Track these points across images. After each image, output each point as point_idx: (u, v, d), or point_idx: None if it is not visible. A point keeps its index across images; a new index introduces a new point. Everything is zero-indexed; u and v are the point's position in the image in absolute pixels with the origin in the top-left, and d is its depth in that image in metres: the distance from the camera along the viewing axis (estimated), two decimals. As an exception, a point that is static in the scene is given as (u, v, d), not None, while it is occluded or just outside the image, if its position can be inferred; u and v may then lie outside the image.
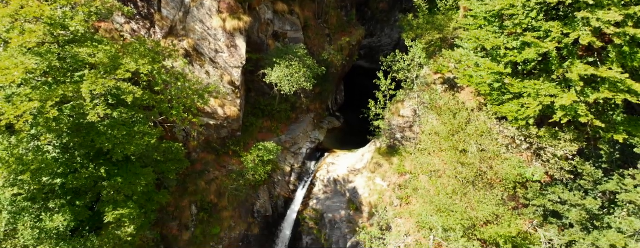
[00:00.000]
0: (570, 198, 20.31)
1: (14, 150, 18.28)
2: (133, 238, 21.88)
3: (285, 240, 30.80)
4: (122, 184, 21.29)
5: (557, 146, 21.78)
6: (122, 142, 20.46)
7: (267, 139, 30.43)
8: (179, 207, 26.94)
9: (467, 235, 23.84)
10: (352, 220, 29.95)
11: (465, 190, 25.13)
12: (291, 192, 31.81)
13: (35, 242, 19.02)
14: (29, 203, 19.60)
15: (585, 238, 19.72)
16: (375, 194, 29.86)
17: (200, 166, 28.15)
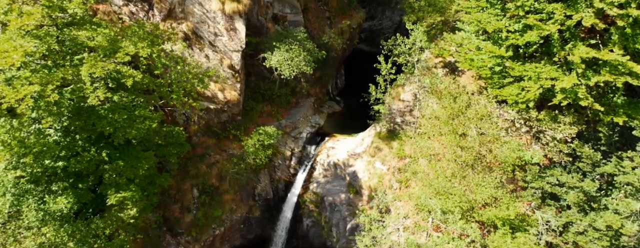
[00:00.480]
0: (568, 181, 20.53)
1: (15, 133, 18.35)
2: (135, 221, 22.21)
3: (285, 222, 31.23)
4: (124, 167, 21.46)
5: (556, 129, 21.87)
6: (123, 125, 20.55)
7: (267, 123, 30.50)
8: (180, 190, 27.21)
9: (465, 217, 24.19)
10: (351, 203, 30.31)
11: (464, 173, 25.36)
12: (291, 176, 32.09)
13: (39, 224, 19.32)
14: (32, 185, 19.84)
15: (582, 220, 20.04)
16: (374, 178, 30.13)
17: (201, 150, 28.31)
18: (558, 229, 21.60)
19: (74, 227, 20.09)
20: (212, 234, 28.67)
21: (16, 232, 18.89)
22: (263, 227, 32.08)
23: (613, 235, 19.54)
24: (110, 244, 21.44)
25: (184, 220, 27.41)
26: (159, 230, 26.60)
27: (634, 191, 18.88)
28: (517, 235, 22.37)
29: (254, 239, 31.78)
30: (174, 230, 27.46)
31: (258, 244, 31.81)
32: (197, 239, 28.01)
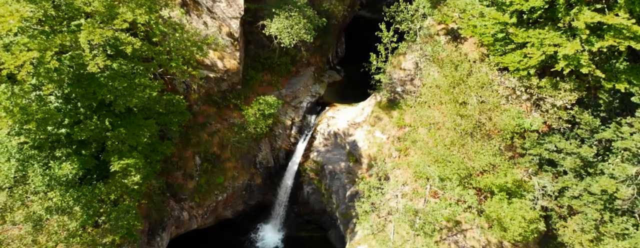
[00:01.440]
0: (566, 147, 20.73)
1: (17, 99, 18.41)
2: (139, 187, 22.69)
3: (286, 190, 31.85)
4: (126, 135, 21.68)
5: (556, 96, 21.87)
6: (123, 93, 20.62)
7: (267, 93, 30.45)
8: (182, 157, 27.59)
9: (462, 184, 24.63)
10: (351, 171, 30.77)
11: (463, 141, 25.57)
12: (292, 145, 32.40)
13: (45, 188, 19.75)
14: (36, 151, 20.13)
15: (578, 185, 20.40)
16: (374, 146, 30.42)
17: (201, 118, 28.45)
18: (554, 194, 22.05)
19: (80, 192, 20.54)
20: (215, 200, 29.35)
21: (23, 196, 19.34)
22: (264, 193, 32.75)
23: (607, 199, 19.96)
24: (116, 209, 21.99)
25: (187, 187, 27.97)
26: (163, 195, 27.20)
27: (631, 156, 19.10)
28: (513, 200, 22.87)
29: (256, 205, 32.55)
30: (178, 195, 28.09)
31: (260, 210, 32.62)
32: (200, 204, 28.71)
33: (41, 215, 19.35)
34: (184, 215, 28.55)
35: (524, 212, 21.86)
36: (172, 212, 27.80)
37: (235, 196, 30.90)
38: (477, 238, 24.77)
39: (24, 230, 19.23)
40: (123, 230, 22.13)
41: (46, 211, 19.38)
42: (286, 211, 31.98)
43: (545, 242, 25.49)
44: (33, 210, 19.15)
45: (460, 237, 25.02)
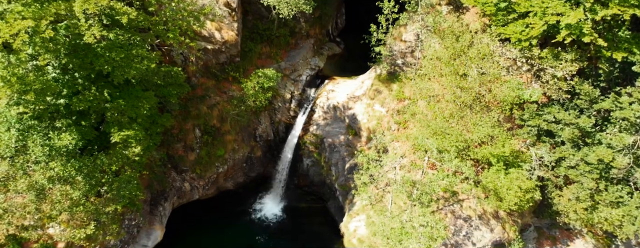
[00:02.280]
0: (564, 118, 20.75)
1: (14, 69, 18.33)
2: (140, 158, 22.93)
3: (286, 162, 32.17)
4: (125, 107, 21.69)
5: (557, 67, 21.70)
6: (121, 64, 20.50)
7: (266, 65, 30.21)
8: (183, 129, 27.70)
9: (460, 156, 24.84)
10: (350, 144, 30.96)
11: (462, 113, 25.61)
12: (291, 118, 32.45)
13: (46, 158, 19.94)
14: (36, 121, 20.19)
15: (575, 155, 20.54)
16: (373, 120, 30.47)
17: (200, 91, 28.36)
18: (550, 164, 22.25)
19: (81, 162, 20.75)
20: (215, 172, 29.71)
21: (25, 166, 19.55)
22: (265, 165, 33.12)
23: (603, 169, 20.17)
24: (118, 179, 22.30)
25: (188, 159, 28.25)
26: (164, 167, 27.52)
27: (629, 126, 19.15)
28: (510, 171, 23.14)
29: (256, 177, 33.00)
30: (179, 167, 28.40)
31: (260, 181, 33.09)
32: (202, 176, 29.08)
33: (44, 185, 19.66)
34: (185, 186, 28.99)
35: (520, 182, 22.17)
36: (173, 183, 28.20)
37: (235, 168, 31.26)
38: (474, 207, 25.23)
39: (27, 199, 19.61)
40: (125, 200, 22.56)
41: (48, 181, 19.66)
42: (286, 183, 32.43)
43: (540, 210, 26.01)
44: (35, 180, 19.43)
45: (456, 206, 25.49)
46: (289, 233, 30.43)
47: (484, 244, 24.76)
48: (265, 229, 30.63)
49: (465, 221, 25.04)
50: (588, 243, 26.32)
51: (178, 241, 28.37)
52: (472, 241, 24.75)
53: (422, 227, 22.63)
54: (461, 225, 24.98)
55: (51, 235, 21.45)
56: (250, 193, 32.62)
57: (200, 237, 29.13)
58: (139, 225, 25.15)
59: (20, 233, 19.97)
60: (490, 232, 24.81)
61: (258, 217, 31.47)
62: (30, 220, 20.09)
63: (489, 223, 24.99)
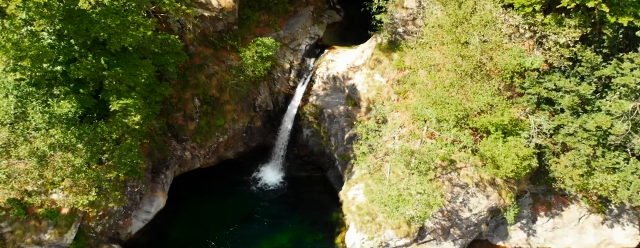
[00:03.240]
0: (565, 85, 20.59)
1: (8, 34, 18.15)
2: (140, 127, 23.05)
3: (286, 132, 32.31)
4: (123, 75, 21.60)
5: (560, 33, 21.32)
6: (117, 31, 20.29)
7: (264, 34, 29.73)
8: (182, 99, 27.67)
9: (459, 125, 24.85)
10: (350, 115, 30.97)
11: (462, 82, 25.40)
12: (291, 89, 32.30)
13: (46, 126, 20.06)
14: (34, 88, 20.18)
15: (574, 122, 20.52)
16: (373, 90, 30.32)
17: (198, 60, 28.10)
18: (549, 132, 22.29)
19: (81, 130, 20.87)
20: (216, 141, 29.91)
21: (25, 132, 19.69)
22: (264, 136, 33.31)
23: (601, 135, 20.21)
24: (119, 147, 22.49)
25: (188, 128, 28.38)
26: (164, 136, 27.71)
27: (629, 92, 19.02)
28: (508, 139, 23.22)
29: (257, 147, 33.27)
30: (179, 136, 28.59)
31: (261, 151, 33.39)
32: (202, 145, 29.32)
33: (45, 151, 19.87)
34: (186, 155, 29.29)
35: (518, 149, 22.30)
36: (174, 152, 28.49)
37: (236, 138, 31.45)
38: (471, 175, 25.53)
39: (29, 165, 19.87)
40: (127, 167, 22.87)
41: (50, 147, 19.86)
42: (286, 152, 32.71)
43: (537, 177, 26.33)
44: (36, 146, 19.61)
45: (454, 175, 25.79)
46: (289, 201, 31.01)
47: (480, 210, 25.24)
48: (266, 197, 31.19)
49: (462, 188, 25.41)
50: (582, 208, 26.81)
51: (180, 208, 29.01)
52: (468, 207, 25.22)
53: (419, 194, 22.99)
54: (458, 192, 25.37)
55: (55, 201, 21.91)
56: (250, 163, 32.99)
57: (202, 204, 29.74)
58: (142, 192, 25.62)
59: (24, 198, 20.38)
60: (487, 198, 25.22)
61: (258, 186, 31.96)
62: (33, 185, 20.45)
63: (486, 191, 25.36)
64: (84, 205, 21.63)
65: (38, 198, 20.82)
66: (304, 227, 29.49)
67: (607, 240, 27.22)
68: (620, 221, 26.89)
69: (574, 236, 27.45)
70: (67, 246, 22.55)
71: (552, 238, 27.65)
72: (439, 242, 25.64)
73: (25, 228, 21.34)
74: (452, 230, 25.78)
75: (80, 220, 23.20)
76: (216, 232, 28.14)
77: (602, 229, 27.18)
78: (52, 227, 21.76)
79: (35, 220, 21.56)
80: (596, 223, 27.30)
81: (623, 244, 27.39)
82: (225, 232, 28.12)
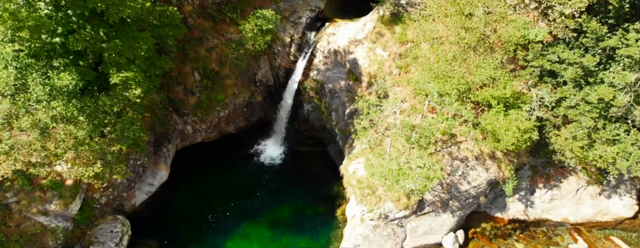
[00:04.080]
0: (569, 57, 20.35)
1: (5, 4, 17.90)
2: (141, 100, 23.03)
3: (286, 107, 32.28)
4: (122, 47, 21.44)
5: (566, 4, 20.86)
6: (114, 2, 20.06)
7: (264, 6, 29.18)
8: (181, 72, 27.50)
9: (461, 99, 24.77)
10: (351, 90, 30.83)
11: (465, 55, 25.13)
12: (291, 63, 32.01)
13: (48, 98, 20.03)
14: (33, 60, 20.02)
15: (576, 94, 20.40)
16: (375, 64, 30.06)
17: (197, 33, 27.72)
18: (550, 105, 22.20)
19: (82, 103, 20.85)
20: (217, 116, 29.93)
21: (26, 104, 19.68)
22: (265, 111, 33.31)
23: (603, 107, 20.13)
24: (120, 120, 22.54)
25: (188, 102, 28.33)
26: (166, 110, 27.71)
27: (633, 63, 18.80)
28: (509, 112, 23.19)
29: (258, 121, 33.34)
30: (180, 110, 28.59)
31: (262, 126, 33.50)
32: (203, 119, 29.37)
33: (47, 123, 19.92)
34: (187, 129, 29.40)
35: (519, 122, 22.30)
36: (175, 126, 28.57)
37: (236, 113, 31.44)
38: (471, 149, 25.66)
39: (32, 137, 19.97)
40: (129, 140, 22.98)
41: (51, 119, 19.91)
42: (287, 127, 32.78)
43: (537, 150, 26.47)
44: (38, 118, 19.64)
45: (454, 148, 25.92)
46: (290, 175, 31.34)
47: (479, 183, 25.51)
48: (267, 171, 31.51)
49: (461, 162, 25.59)
50: (581, 179, 27.07)
51: (183, 181, 29.38)
52: (467, 180, 25.48)
53: (419, 168, 23.18)
54: (458, 165, 25.56)
55: (59, 172, 22.16)
56: (251, 138, 33.15)
57: (204, 178, 30.08)
58: (144, 165, 25.87)
59: (29, 169, 20.59)
60: (486, 171, 25.45)
61: (260, 160, 32.23)
62: (37, 157, 20.61)
63: (485, 164, 25.55)
64: (89, 177, 21.90)
65: (42, 170, 21.03)
66: (305, 200, 29.93)
67: (604, 211, 27.64)
68: (618, 192, 27.21)
69: (571, 207, 27.87)
70: (73, 216, 23.00)
71: (550, 210, 28.09)
72: (437, 214, 26.07)
73: (31, 198, 21.68)
74: (451, 202, 26.15)
75: (84, 191, 23.54)
76: (218, 204, 28.60)
77: (599, 200, 27.55)
78: (57, 197, 22.10)
79: (40, 191, 21.88)
80: (594, 194, 27.65)
81: (619, 214, 27.88)
82: (228, 205, 28.58)
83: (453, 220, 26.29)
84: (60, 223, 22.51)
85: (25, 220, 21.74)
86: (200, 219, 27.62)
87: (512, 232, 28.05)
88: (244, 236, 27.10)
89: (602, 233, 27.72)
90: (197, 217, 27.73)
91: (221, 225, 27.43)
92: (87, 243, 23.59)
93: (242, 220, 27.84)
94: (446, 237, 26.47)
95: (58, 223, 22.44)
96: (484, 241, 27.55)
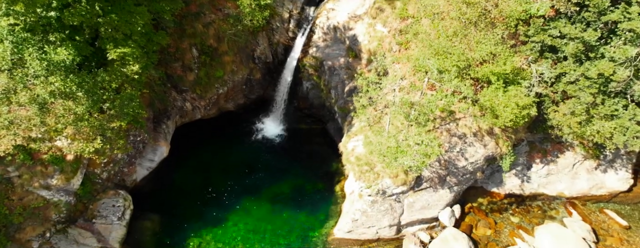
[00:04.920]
0: (570, 32, 20.12)
1: (-3, -24, 17.56)
2: (139, 76, 22.94)
3: (286, 85, 32.16)
4: (118, 22, 21.18)
5: (569, -23, 20.44)
6: (109, -25, 19.64)
7: (262, -20, 28.58)
8: (179, 48, 27.25)
9: (460, 75, 24.63)
10: (350, 67, 30.64)
11: (466, 31, 24.84)
12: (290, 39, 31.68)
13: (45, 73, 19.93)
14: (29, 34, 19.81)
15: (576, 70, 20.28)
16: (374, 41, 29.75)
17: (194, 7, 27.30)
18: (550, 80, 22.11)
19: (80, 78, 20.76)
20: (216, 93, 29.87)
21: (24, 79, 19.60)
22: (264, 88, 33.22)
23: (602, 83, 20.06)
24: (119, 96, 22.51)
25: (187, 78, 28.21)
26: (164, 86, 27.63)
27: (634, 37, 18.60)
28: (509, 88, 23.11)
29: (257, 99, 33.32)
30: (179, 87, 28.51)
31: (261, 103, 33.51)
32: (202, 97, 29.32)
33: (45, 99, 19.92)
34: (187, 106, 29.39)
35: (518, 99, 22.26)
36: (175, 103, 28.56)
37: (235, 90, 31.36)
38: (469, 125, 25.73)
39: (31, 112, 20.00)
40: (129, 117, 23.03)
41: (50, 95, 19.88)
42: (286, 105, 32.77)
43: (535, 126, 26.56)
44: (36, 93, 19.62)
45: (452, 125, 25.99)
46: (289, 152, 31.57)
47: (477, 159, 25.72)
48: (267, 148, 31.73)
49: (459, 138, 25.71)
50: (577, 154, 27.30)
51: (183, 158, 29.62)
52: (465, 157, 25.68)
53: (417, 145, 23.29)
54: (456, 142, 25.70)
55: (60, 148, 22.31)
56: (251, 115, 33.20)
57: (204, 154, 30.32)
58: (144, 141, 26.03)
59: (29, 145, 20.73)
60: (484, 147, 25.61)
61: (259, 138, 32.39)
62: (37, 132, 20.71)
63: (483, 140, 25.69)
64: (89, 153, 22.08)
65: (43, 145, 21.18)
66: (304, 177, 30.26)
67: (599, 185, 28.00)
68: (613, 166, 27.49)
69: (567, 181, 28.24)
70: (75, 191, 23.32)
71: (546, 184, 28.46)
72: (435, 190, 26.41)
73: (32, 173, 21.93)
74: (448, 178, 26.44)
75: (85, 166, 23.78)
76: (218, 180, 28.94)
77: (594, 174, 27.88)
78: (58, 172, 22.36)
79: (41, 166, 22.10)
80: (590, 169, 27.95)
81: (614, 188, 28.29)
82: (228, 181, 28.92)
83: (450, 196, 26.68)
84: (63, 197, 22.84)
85: (28, 194, 22.06)
86: (200, 194, 28.02)
87: (508, 206, 28.53)
88: (244, 211, 27.56)
89: (596, 207, 28.25)
90: (197, 192, 28.11)
91: (222, 200, 27.87)
92: (89, 217, 24.03)
93: (242, 196, 28.25)
94: (443, 212, 26.94)
95: (60, 197, 22.78)
96: (480, 215, 28.05)
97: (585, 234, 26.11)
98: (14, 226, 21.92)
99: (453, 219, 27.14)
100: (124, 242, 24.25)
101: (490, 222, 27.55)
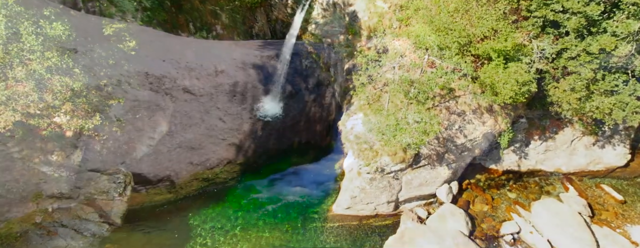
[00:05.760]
0: (573, 6, 19.81)
1: (-14, -53, 17.06)
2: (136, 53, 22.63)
3: (285, 62, 31.82)
4: None
5: (575, -52, 19.95)
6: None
7: (260, -46, 28.00)
8: (176, 24, 26.87)
9: (461, 52, 24.42)
10: (350, 45, 30.33)
11: (467, 6, 24.49)
12: (289, 16, 31.21)
13: (42, 47, 19.71)
14: (22, 8, 19.50)
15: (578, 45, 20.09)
16: (375, 17, 29.33)
17: (192, -18, 26.84)
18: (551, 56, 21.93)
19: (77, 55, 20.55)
20: (213, 70, 29.59)
21: (21, 54, 19.39)
22: (263, 66, 32.85)
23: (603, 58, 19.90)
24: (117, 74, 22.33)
25: (184, 55, 27.92)
26: (161, 64, 27.34)
27: (638, 11, 18.32)
28: (509, 65, 22.95)
29: (255, 77, 32.98)
30: (176, 64, 28.24)
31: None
32: (200, 74, 29.04)
33: (42, 74, 19.77)
34: (184, 84, 29.13)
35: (518, 75, 22.15)
36: (172, 81, 28.28)
37: (233, 67, 31.04)
38: (468, 103, 25.69)
39: (28, 88, 19.87)
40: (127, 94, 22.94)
41: (47, 70, 19.71)
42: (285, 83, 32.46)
43: (534, 102, 26.54)
44: (33, 69, 19.45)
45: (452, 103, 25.95)
46: (288, 130, 31.57)
47: (475, 136, 25.81)
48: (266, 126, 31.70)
49: (459, 116, 25.72)
50: (576, 130, 27.38)
51: (182, 136, 29.57)
52: (464, 134, 25.75)
53: (416, 123, 23.32)
54: (455, 119, 25.71)
55: (59, 124, 22.27)
56: (249, 93, 32.91)
57: (203, 132, 30.26)
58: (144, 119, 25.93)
59: (28, 121, 20.69)
60: (483, 125, 25.66)
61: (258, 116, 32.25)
62: (35, 108, 20.64)
63: (482, 117, 25.70)
64: (89, 130, 22.05)
65: (42, 121, 21.13)
66: (303, 155, 30.36)
67: (596, 160, 28.22)
68: (611, 142, 27.64)
69: (565, 157, 28.43)
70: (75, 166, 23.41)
71: (543, 160, 28.67)
72: (433, 167, 26.60)
73: (32, 149, 21.97)
74: (446, 155, 26.60)
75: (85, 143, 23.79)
76: (218, 158, 29.00)
77: (592, 150, 28.05)
78: (58, 148, 22.40)
79: (40, 142, 22.14)
80: (588, 145, 28.09)
81: (611, 163, 28.50)
82: (227, 159, 28.99)
83: (448, 172, 26.90)
84: (63, 173, 22.98)
85: (29, 170, 22.17)
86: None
87: (505, 182, 28.84)
88: (244, 187, 27.81)
89: (593, 182, 28.57)
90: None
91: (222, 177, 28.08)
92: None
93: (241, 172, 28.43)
94: (440, 188, 27.23)
95: (61, 173, 22.91)
96: (478, 191, 28.37)
97: (581, 209, 26.50)
98: (15, 201, 22.16)
99: (450, 195, 27.46)
100: (125, 217, 24.60)
101: (487, 198, 27.90)
